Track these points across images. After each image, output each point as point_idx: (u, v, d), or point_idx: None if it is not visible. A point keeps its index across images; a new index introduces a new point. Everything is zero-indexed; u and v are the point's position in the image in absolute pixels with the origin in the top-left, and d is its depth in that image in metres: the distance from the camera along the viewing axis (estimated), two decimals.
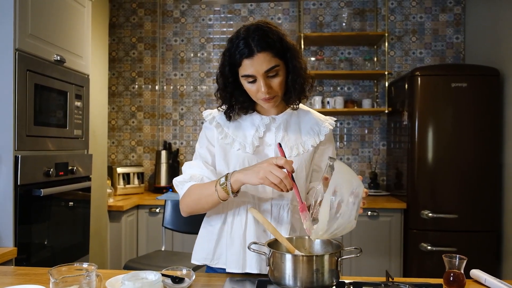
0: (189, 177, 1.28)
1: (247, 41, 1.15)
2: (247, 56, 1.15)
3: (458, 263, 1.15)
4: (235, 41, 1.18)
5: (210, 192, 1.18)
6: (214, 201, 1.19)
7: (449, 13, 3.54)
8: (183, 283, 1.13)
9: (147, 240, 3.15)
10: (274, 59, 1.16)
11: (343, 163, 1.04)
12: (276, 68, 1.17)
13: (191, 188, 1.26)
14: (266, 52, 1.14)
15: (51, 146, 2.03)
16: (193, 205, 1.25)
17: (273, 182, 1.06)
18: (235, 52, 1.17)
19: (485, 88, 2.82)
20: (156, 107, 3.73)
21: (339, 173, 1.00)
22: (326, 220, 0.99)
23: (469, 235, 2.78)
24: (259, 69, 1.15)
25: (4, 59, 1.74)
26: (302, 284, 1.00)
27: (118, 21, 3.74)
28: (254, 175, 1.09)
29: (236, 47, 1.17)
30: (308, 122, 1.34)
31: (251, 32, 1.16)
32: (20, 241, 1.78)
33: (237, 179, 1.13)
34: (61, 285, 0.94)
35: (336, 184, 0.98)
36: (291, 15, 3.65)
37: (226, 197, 1.17)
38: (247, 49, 1.14)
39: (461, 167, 2.80)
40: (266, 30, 1.16)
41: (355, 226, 1.02)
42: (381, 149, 3.59)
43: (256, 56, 1.14)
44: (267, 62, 1.15)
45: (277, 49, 1.16)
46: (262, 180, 1.07)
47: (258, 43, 1.14)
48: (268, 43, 1.15)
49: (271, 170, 1.06)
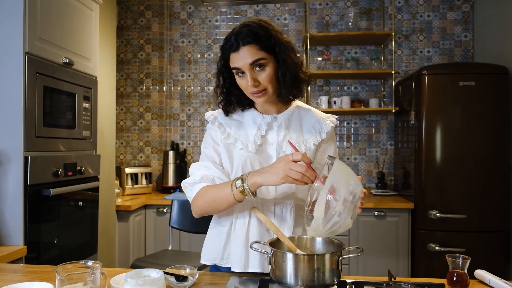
0: (200, 178, 1.28)
1: (236, 36, 1.20)
2: (234, 49, 1.20)
3: (462, 263, 1.14)
4: (227, 37, 1.23)
5: (225, 194, 1.19)
6: (230, 202, 1.20)
7: (457, 11, 3.52)
8: (186, 281, 1.15)
9: (154, 239, 3.19)
10: (260, 52, 1.19)
11: (342, 162, 1.05)
12: (262, 61, 1.19)
13: (203, 189, 1.26)
14: (251, 45, 1.18)
15: (60, 147, 2.06)
16: (206, 206, 1.26)
17: (295, 178, 1.06)
18: (225, 47, 1.23)
19: (493, 87, 2.79)
20: (164, 108, 3.76)
21: (337, 172, 1.00)
22: (321, 217, 1.00)
23: (478, 236, 2.75)
24: (244, 62, 1.19)
25: (14, 62, 1.78)
26: (303, 283, 1.01)
27: (126, 23, 3.78)
28: (274, 176, 1.09)
29: (227, 42, 1.22)
30: (310, 120, 1.35)
31: (240, 28, 1.21)
32: (29, 240, 1.82)
33: (255, 182, 1.13)
34: (67, 282, 0.96)
35: (333, 183, 0.99)
36: (297, 15, 3.66)
37: (242, 199, 1.18)
38: (235, 43, 1.19)
39: (469, 167, 2.78)
40: (254, 26, 1.20)
41: (351, 225, 1.03)
42: (389, 149, 3.57)
43: (241, 49, 1.19)
44: (252, 55, 1.18)
45: (264, 43, 1.19)
46: (284, 179, 1.08)
47: (244, 37, 1.18)
48: (254, 37, 1.19)
49: (291, 167, 1.07)
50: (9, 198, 1.79)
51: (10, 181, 1.79)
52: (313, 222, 1.02)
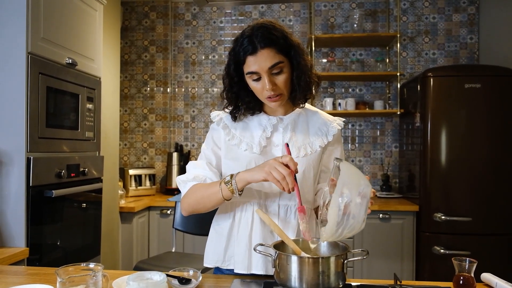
0: (193, 177, 1.29)
1: (251, 39, 1.16)
2: (251, 52, 1.16)
3: (468, 266, 1.13)
4: (239, 39, 1.19)
5: (214, 191, 1.18)
6: (218, 200, 1.19)
7: (462, 13, 3.49)
8: (189, 284, 1.13)
9: (158, 241, 3.18)
10: (278, 55, 1.16)
11: (349, 164, 1.03)
12: (280, 65, 1.17)
13: (193, 187, 1.26)
14: (269, 48, 1.15)
15: (63, 148, 2.06)
16: (194, 204, 1.26)
17: (276, 178, 1.06)
18: (239, 50, 1.18)
19: (499, 89, 2.77)
20: (168, 109, 3.76)
21: (346, 174, 0.99)
22: (335, 221, 0.98)
23: (483, 238, 2.73)
24: (263, 65, 1.15)
25: (17, 62, 1.78)
26: (308, 286, 1.00)
27: (131, 24, 3.78)
28: (259, 171, 1.10)
29: (241, 45, 1.18)
30: (316, 122, 1.34)
31: (255, 30, 1.17)
32: (32, 241, 1.81)
33: (242, 178, 1.13)
34: (68, 285, 0.95)
35: (343, 185, 0.97)
36: (302, 16, 3.65)
37: (230, 196, 1.17)
38: (251, 46, 1.15)
39: (474, 169, 2.75)
40: (269, 27, 1.17)
41: (364, 227, 1.01)
42: (394, 151, 3.55)
43: (259, 52, 1.15)
44: (270, 58, 1.15)
45: (281, 46, 1.17)
46: (266, 174, 1.07)
47: (261, 40, 1.14)
48: (272, 39, 1.15)
49: (276, 166, 1.06)
50: (11, 199, 1.78)
51: (13, 182, 1.78)
52: (327, 226, 1.00)
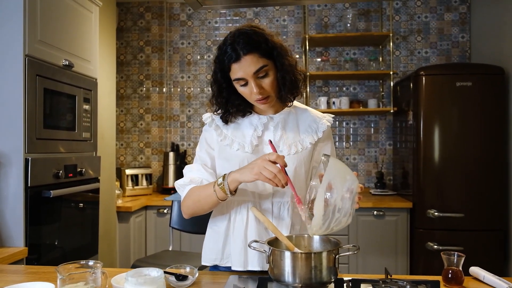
0: (189, 180, 1.32)
1: (233, 46, 1.18)
2: (234, 60, 1.18)
3: (457, 260, 1.17)
4: (222, 47, 1.21)
5: (209, 193, 1.22)
6: (214, 201, 1.22)
7: (454, 12, 3.54)
8: (186, 280, 1.16)
9: (155, 240, 3.20)
10: (262, 60, 1.19)
11: (337, 160, 1.06)
12: (264, 68, 1.19)
13: (190, 190, 1.30)
14: (252, 54, 1.17)
15: (60, 149, 2.08)
16: (193, 206, 1.29)
17: (267, 177, 1.09)
18: (223, 58, 1.21)
19: (490, 87, 2.82)
20: (164, 109, 3.78)
21: (333, 169, 1.02)
22: (321, 214, 1.01)
23: (476, 234, 2.77)
24: (248, 71, 1.18)
25: (14, 64, 1.80)
26: (301, 280, 1.03)
27: (126, 25, 3.80)
28: (249, 171, 1.12)
29: (224, 53, 1.20)
30: (306, 120, 1.36)
31: (236, 37, 1.19)
32: (30, 241, 1.84)
33: (233, 179, 1.16)
34: (68, 282, 0.98)
35: (329, 179, 1.00)
36: (296, 16, 3.68)
37: (224, 197, 1.20)
38: (234, 53, 1.18)
39: (467, 166, 2.80)
40: (250, 33, 1.19)
41: (350, 221, 1.04)
42: (387, 149, 3.59)
43: (243, 59, 1.17)
44: (254, 63, 1.18)
45: (263, 50, 1.19)
46: (257, 175, 1.10)
47: (243, 46, 1.17)
48: (253, 44, 1.17)
49: (265, 165, 1.09)
50: (9, 199, 1.81)
51: (11, 182, 1.81)
52: (313, 219, 1.04)
